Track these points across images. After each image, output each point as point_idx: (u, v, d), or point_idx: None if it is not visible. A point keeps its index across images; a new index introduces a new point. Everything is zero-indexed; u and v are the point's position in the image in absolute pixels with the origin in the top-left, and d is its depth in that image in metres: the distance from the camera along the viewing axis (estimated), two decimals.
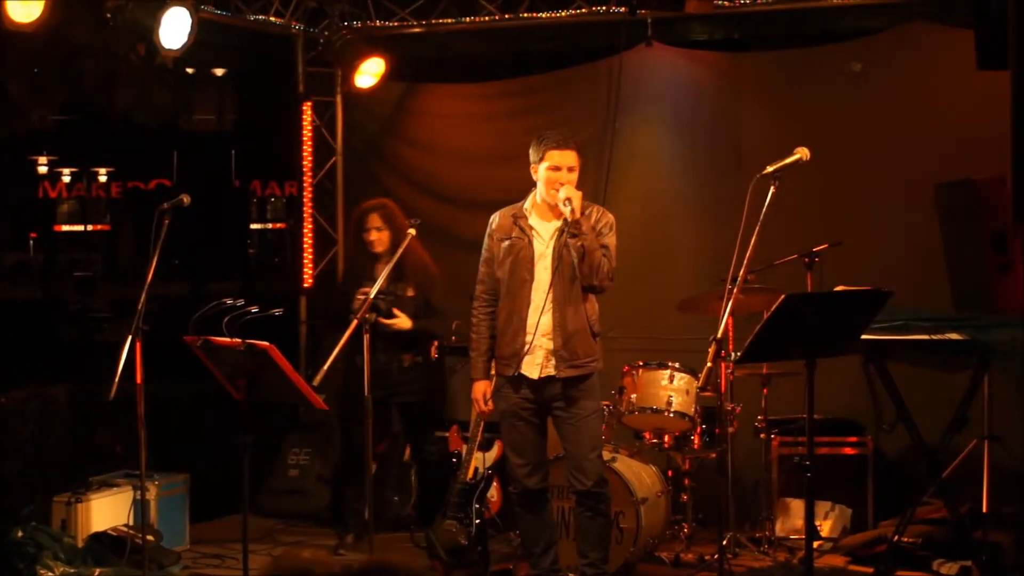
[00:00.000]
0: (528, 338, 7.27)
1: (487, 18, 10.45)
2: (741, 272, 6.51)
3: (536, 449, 7.51)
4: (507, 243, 7.39)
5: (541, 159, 7.25)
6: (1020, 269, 8.33)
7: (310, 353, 11.23)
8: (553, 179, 7.20)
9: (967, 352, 7.85)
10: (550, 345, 7.27)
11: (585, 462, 7.38)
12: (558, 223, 7.27)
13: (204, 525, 9.58)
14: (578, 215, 7.05)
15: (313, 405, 7.15)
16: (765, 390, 8.84)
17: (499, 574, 8.30)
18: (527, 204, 7.44)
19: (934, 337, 7.78)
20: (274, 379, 6.94)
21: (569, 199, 7.06)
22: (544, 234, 7.32)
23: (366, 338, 7.22)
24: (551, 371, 7.29)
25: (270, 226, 13.43)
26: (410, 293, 8.72)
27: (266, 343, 6.85)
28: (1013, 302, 8.30)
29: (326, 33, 10.78)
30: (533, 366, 7.32)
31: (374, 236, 8.83)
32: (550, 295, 7.23)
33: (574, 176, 7.22)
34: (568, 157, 7.21)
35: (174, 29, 9.02)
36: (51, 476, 8.98)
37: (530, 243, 7.33)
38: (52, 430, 9.31)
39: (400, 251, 7.59)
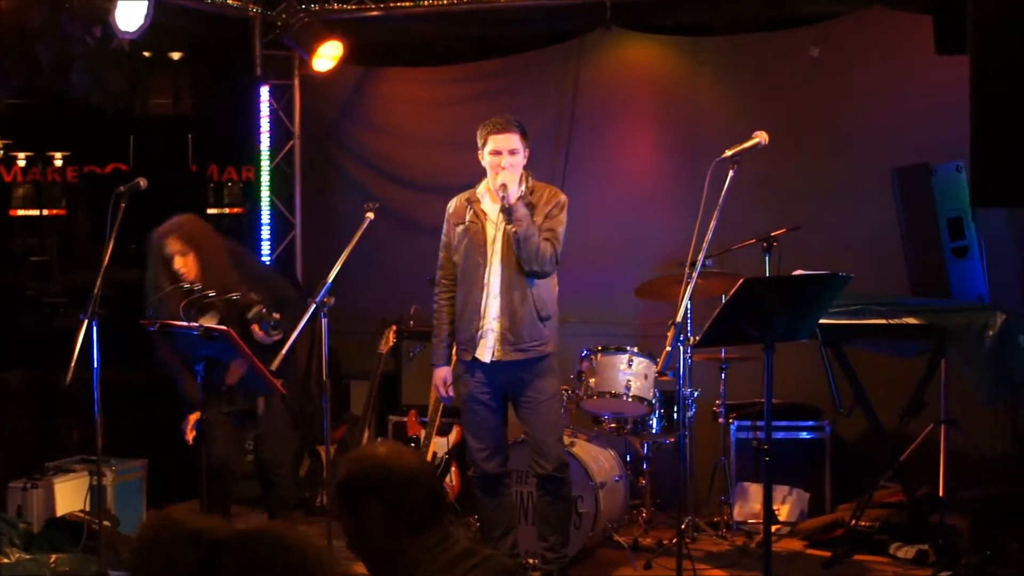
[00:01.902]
0: (482, 322, 7.29)
1: (445, 1, 10.42)
2: (700, 256, 6.51)
3: (495, 433, 7.51)
4: (461, 228, 7.40)
5: (484, 144, 7.27)
6: (976, 254, 8.37)
7: None
8: (495, 163, 7.21)
9: (924, 336, 7.89)
10: (497, 328, 7.29)
11: (546, 446, 7.39)
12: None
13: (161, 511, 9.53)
14: (513, 201, 7.06)
15: (272, 389, 7.12)
16: (723, 375, 8.86)
17: None
18: (480, 188, 7.46)
19: (891, 321, 7.83)
20: (231, 363, 6.92)
21: (504, 185, 7.06)
22: (496, 218, 7.32)
23: (324, 323, 7.18)
24: (498, 355, 7.30)
25: (227, 211, 13.37)
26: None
27: (223, 327, 6.82)
28: (969, 287, 8.33)
29: (283, 16, 10.70)
30: (485, 350, 7.34)
31: (179, 264, 7.61)
32: (499, 278, 7.24)
33: (516, 159, 7.21)
34: (509, 140, 7.20)
35: (130, 12, 8.95)
36: (7, 462, 8.93)
37: (483, 227, 7.34)
38: (8, 416, 9.27)
39: (356, 237, 7.45)
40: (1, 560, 7.90)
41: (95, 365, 7.01)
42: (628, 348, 8.49)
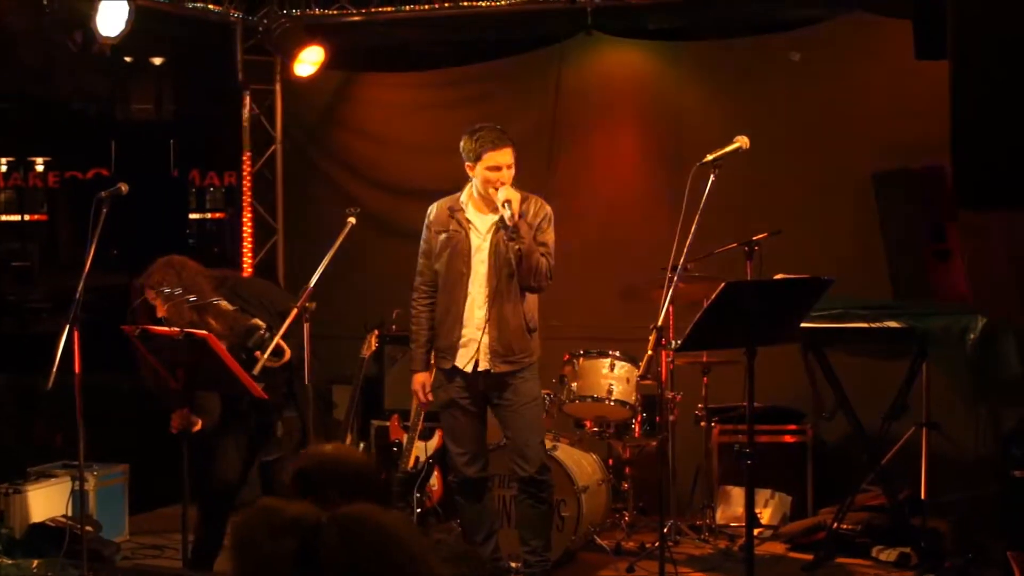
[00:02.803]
0: (463, 331, 7.29)
1: (427, 6, 10.42)
2: (681, 260, 6.52)
3: (475, 438, 7.51)
4: (444, 236, 7.37)
5: (478, 159, 7.20)
6: (957, 257, 8.40)
7: None
8: (494, 179, 7.16)
9: (905, 340, 7.91)
10: (485, 339, 7.28)
11: (527, 448, 7.38)
12: (495, 217, 7.25)
13: (144, 516, 9.52)
14: (516, 219, 7.04)
15: (252, 393, 7.10)
16: (705, 378, 8.87)
17: None
18: (464, 196, 7.42)
19: (873, 325, 7.84)
20: (212, 368, 6.90)
21: (508, 201, 7.02)
22: (481, 227, 7.31)
23: (306, 327, 7.16)
24: (485, 365, 7.30)
25: (209, 216, 13.34)
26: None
27: (204, 332, 6.81)
28: (950, 290, 8.36)
29: (265, 21, 10.72)
30: (467, 359, 7.33)
31: (161, 313, 7.33)
32: (486, 290, 7.23)
33: (512, 172, 7.20)
34: (505, 155, 7.17)
35: (111, 17, 8.95)
36: None
37: (467, 236, 7.32)
38: None
39: (338, 241, 7.39)
40: None
41: (77, 370, 6.98)
42: (610, 352, 8.51)
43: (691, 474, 9.30)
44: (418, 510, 8.38)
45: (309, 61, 10.66)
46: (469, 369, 7.33)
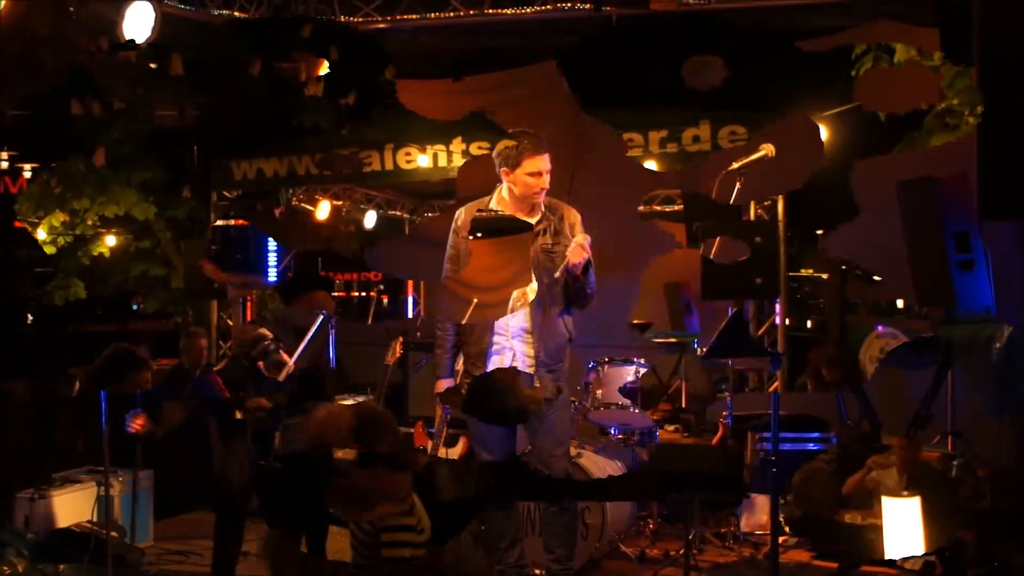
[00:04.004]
0: (495, 338, 7.25)
1: (452, 14, 10.44)
2: None
3: (503, 445, 7.49)
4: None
5: (517, 165, 7.15)
6: (983, 266, 8.38)
7: None
8: (533, 185, 7.14)
9: (931, 348, 7.90)
10: (523, 348, 7.24)
11: (550, 458, 7.36)
12: (529, 222, 7.23)
13: (169, 521, 9.54)
14: (581, 266, 7.01)
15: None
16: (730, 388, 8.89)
17: None
18: (493, 201, 7.36)
19: None
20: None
21: (582, 248, 7.00)
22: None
23: (332, 334, 7.18)
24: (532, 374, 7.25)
25: (232, 223, 13.39)
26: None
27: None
28: (976, 299, 8.34)
29: None
30: (502, 367, 7.29)
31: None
32: (525, 299, 7.20)
33: (548, 177, 7.19)
34: (545, 160, 7.15)
35: (138, 23, 8.99)
36: (13, 472, 8.92)
37: None
38: (13, 426, 9.25)
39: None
40: (8, 570, 7.91)
41: None
42: (635, 360, 8.51)
43: None
44: None
45: None
46: None
